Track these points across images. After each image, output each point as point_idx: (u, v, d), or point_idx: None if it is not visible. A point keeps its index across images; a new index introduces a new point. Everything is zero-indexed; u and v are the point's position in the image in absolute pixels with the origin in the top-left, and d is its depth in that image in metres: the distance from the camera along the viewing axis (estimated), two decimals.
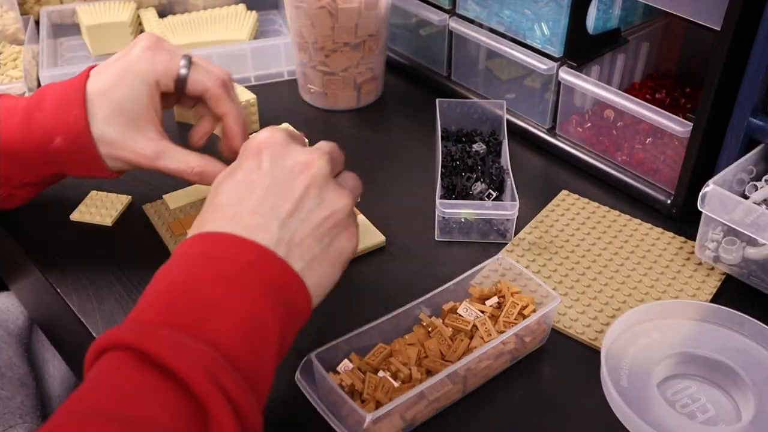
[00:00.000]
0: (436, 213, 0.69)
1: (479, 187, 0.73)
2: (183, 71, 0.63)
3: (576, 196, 0.77)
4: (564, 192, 0.77)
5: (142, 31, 1.05)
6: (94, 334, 0.62)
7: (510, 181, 0.73)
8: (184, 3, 1.09)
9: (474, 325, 0.59)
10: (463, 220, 0.70)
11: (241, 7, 1.08)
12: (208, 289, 0.46)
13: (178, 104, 0.70)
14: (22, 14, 1.05)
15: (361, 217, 0.72)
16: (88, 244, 0.71)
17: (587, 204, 0.75)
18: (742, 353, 0.58)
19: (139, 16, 1.05)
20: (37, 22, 1.05)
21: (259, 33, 1.07)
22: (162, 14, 1.07)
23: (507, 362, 0.59)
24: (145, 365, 0.42)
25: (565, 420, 0.56)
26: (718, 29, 0.63)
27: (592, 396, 0.57)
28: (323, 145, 0.55)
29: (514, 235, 0.71)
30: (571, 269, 0.68)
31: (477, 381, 0.57)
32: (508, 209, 0.69)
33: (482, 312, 0.60)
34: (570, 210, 0.75)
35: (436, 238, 0.72)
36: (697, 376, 0.58)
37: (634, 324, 0.60)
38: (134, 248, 0.71)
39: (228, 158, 0.62)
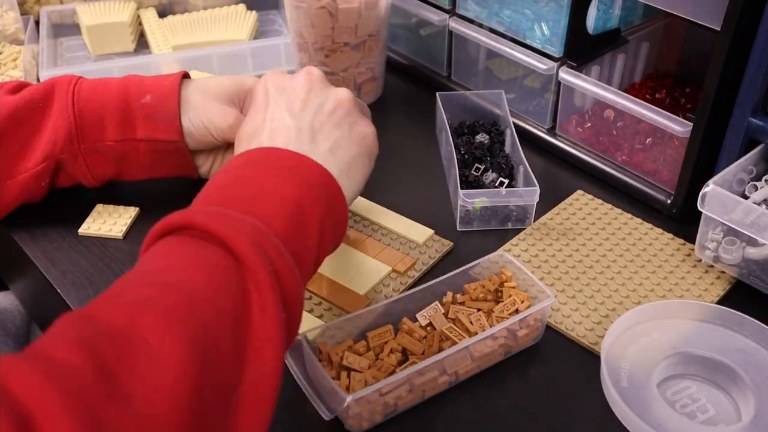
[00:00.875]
0: (459, 204, 0.70)
1: (491, 176, 0.74)
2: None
3: (590, 196, 0.77)
4: (579, 192, 0.78)
5: (142, 31, 1.05)
6: None
7: (525, 168, 0.73)
8: (184, 3, 1.09)
9: (470, 321, 0.59)
10: (471, 209, 0.71)
11: (241, 7, 1.08)
12: (255, 183, 0.51)
13: None
14: (22, 14, 1.05)
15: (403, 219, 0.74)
16: (93, 252, 0.71)
17: (601, 205, 0.76)
18: (742, 353, 0.58)
19: (139, 16, 1.05)
20: (37, 22, 1.05)
21: (259, 33, 1.07)
22: (162, 14, 1.07)
23: (499, 356, 0.59)
24: (192, 239, 0.46)
25: (565, 419, 0.56)
26: (718, 29, 0.63)
27: (592, 396, 0.57)
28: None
29: (534, 221, 0.73)
30: (572, 267, 0.68)
31: (468, 372, 0.57)
32: (529, 195, 0.70)
33: (478, 309, 0.60)
34: (582, 210, 0.75)
35: (457, 229, 0.73)
36: (697, 376, 0.58)
37: (634, 324, 0.60)
38: (137, 256, 0.70)
39: None
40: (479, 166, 0.76)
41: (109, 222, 0.72)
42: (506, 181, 0.74)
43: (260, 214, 0.48)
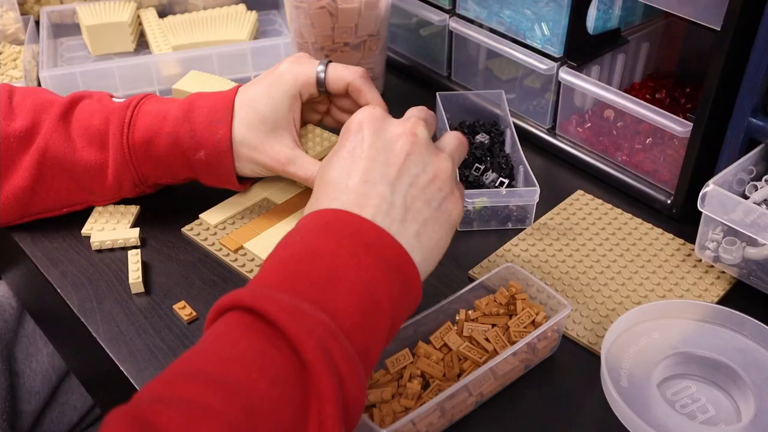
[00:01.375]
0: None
1: (491, 176, 0.74)
2: (321, 73, 0.67)
3: (590, 196, 0.77)
4: (579, 192, 0.78)
5: (142, 31, 1.05)
6: (94, 334, 0.62)
7: (525, 168, 0.73)
8: (184, 3, 1.09)
9: (486, 338, 0.58)
10: (471, 209, 0.71)
11: (241, 7, 1.08)
12: (328, 261, 0.48)
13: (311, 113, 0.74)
14: (22, 14, 1.05)
15: None
16: (93, 252, 0.71)
17: (601, 205, 0.76)
18: (742, 353, 0.58)
19: (139, 16, 1.05)
20: (37, 22, 1.05)
21: (259, 33, 1.07)
22: (162, 14, 1.07)
23: (520, 371, 0.59)
24: (258, 329, 0.44)
25: (565, 419, 0.56)
26: (718, 29, 0.63)
27: (592, 396, 0.57)
28: (415, 112, 0.57)
29: (534, 221, 0.73)
30: (572, 267, 0.68)
31: (492, 391, 0.57)
32: (529, 195, 0.70)
33: (493, 324, 0.60)
34: (582, 209, 0.75)
35: (457, 229, 0.72)
36: (697, 377, 0.58)
37: (634, 324, 0.60)
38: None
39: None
40: (479, 166, 0.76)
41: (111, 222, 0.72)
42: (506, 181, 0.74)
43: (331, 306, 0.46)
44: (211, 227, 0.72)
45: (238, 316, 0.45)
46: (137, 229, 0.71)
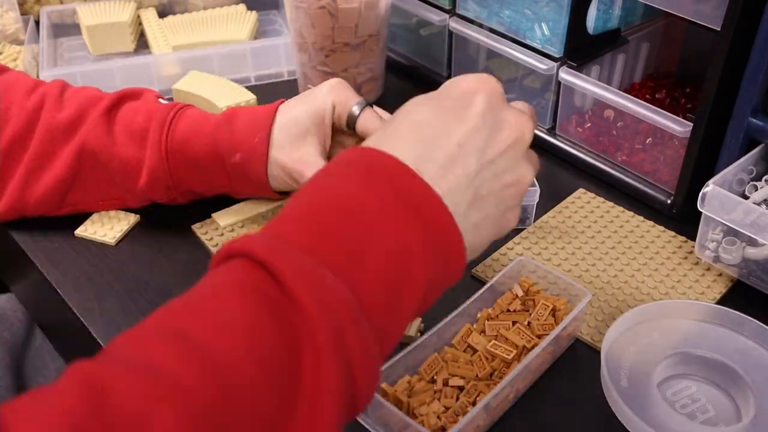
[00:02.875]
0: None
1: None
2: (356, 110, 0.66)
3: (592, 195, 0.77)
4: (581, 190, 0.78)
5: (142, 31, 1.05)
6: (94, 335, 0.62)
7: None
8: (184, 3, 1.09)
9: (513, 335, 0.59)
10: None
11: (241, 7, 1.08)
12: (369, 217, 0.41)
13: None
14: (22, 14, 1.05)
15: None
16: (93, 252, 0.71)
17: (602, 203, 0.76)
18: (742, 353, 0.58)
19: (139, 16, 1.05)
20: (37, 22, 1.05)
21: (259, 33, 1.07)
22: (162, 14, 1.07)
23: (548, 363, 0.59)
24: (264, 291, 0.37)
25: (565, 418, 0.56)
26: (718, 29, 0.63)
27: (592, 395, 0.57)
28: (527, 109, 0.51)
29: (534, 220, 0.73)
30: (575, 265, 0.68)
31: (526, 386, 0.58)
32: (530, 195, 0.70)
33: (514, 322, 0.60)
34: (583, 208, 0.75)
35: None
36: (697, 377, 0.58)
37: (634, 324, 0.60)
38: (137, 256, 0.71)
39: None
40: None
41: (106, 226, 0.72)
42: None
43: (356, 277, 0.40)
44: (220, 228, 0.72)
45: (244, 267, 0.38)
46: (120, 231, 0.71)
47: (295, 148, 0.66)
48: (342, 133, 0.69)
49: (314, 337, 0.36)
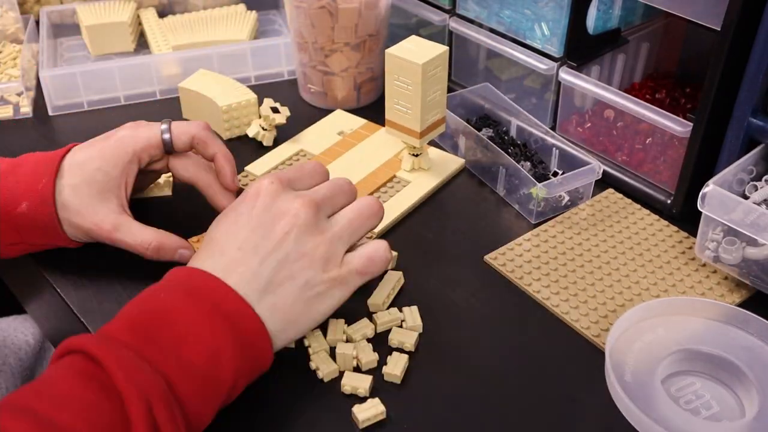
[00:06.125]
0: (534, 198, 0.72)
1: (527, 166, 0.76)
2: (165, 134, 0.67)
3: (620, 195, 0.77)
4: (609, 190, 0.78)
5: (142, 31, 1.05)
6: None
7: (558, 150, 0.77)
8: (184, 3, 1.09)
9: None
10: (535, 196, 0.73)
11: (241, 7, 1.08)
12: (182, 326, 0.50)
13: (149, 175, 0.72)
14: (22, 14, 1.05)
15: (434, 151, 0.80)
16: (93, 253, 0.71)
17: (629, 204, 0.76)
18: (746, 351, 0.58)
19: (139, 16, 1.05)
20: (37, 22, 1.05)
21: (259, 33, 1.07)
22: (162, 14, 1.07)
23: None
24: (96, 378, 0.46)
25: (569, 414, 0.56)
26: (718, 29, 0.63)
27: (595, 391, 0.57)
28: (318, 190, 0.59)
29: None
30: (589, 261, 0.68)
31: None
32: (591, 172, 0.74)
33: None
34: (609, 207, 0.76)
35: (533, 222, 0.74)
36: (701, 373, 0.58)
37: (638, 320, 0.60)
38: (137, 256, 0.70)
39: (218, 203, 0.68)
40: (524, 162, 0.77)
41: None
42: (559, 171, 0.76)
43: (172, 371, 0.48)
44: None
45: (80, 360, 0.47)
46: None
47: (92, 211, 0.64)
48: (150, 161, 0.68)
49: (130, 410, 0.45)
